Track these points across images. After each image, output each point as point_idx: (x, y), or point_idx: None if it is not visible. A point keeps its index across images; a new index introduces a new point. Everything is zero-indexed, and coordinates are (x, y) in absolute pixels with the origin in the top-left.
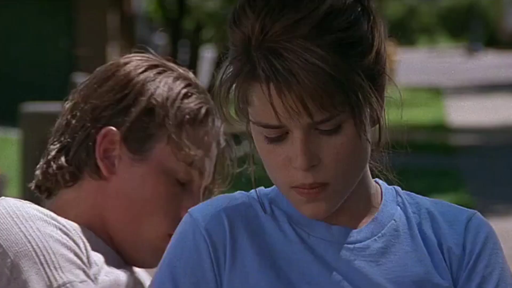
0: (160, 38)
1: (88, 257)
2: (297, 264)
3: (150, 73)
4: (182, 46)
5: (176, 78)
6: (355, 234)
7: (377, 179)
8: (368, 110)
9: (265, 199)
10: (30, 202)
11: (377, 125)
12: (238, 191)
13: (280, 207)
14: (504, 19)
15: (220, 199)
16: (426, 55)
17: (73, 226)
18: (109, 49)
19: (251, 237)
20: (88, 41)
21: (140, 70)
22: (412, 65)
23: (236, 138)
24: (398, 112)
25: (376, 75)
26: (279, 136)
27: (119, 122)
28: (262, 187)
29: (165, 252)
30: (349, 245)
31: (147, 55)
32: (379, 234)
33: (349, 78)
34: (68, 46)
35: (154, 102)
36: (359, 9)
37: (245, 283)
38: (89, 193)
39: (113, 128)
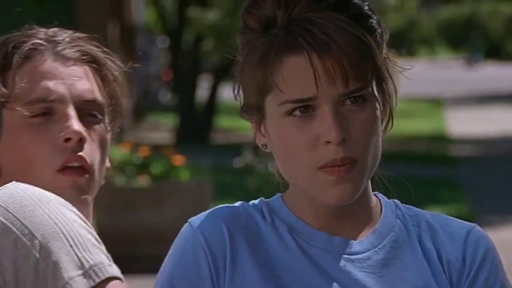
0: (162, 43)
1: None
2: (297, 274)
3: None
4: (182, 58)
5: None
6: (356, 246)
7: (376, 193)
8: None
9: (266, 209)
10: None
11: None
12: (239, 202)
13: (280, 217)
14: None
15: (221, 209)
16: (426, 66)
17: None
18: None
19: (251, 248)
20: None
21: None
22: (412, 76)
23: (237, 149)
24: (397, 122)
25: (387, 69)
26: (307, 113)
27: None
28: (262, 198)
29: (165, 260)
30: (350, 256)
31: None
32: (380, 246)
33: (376, 50)
34: None
35: None
36: (366, 3)
37: None
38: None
39: None
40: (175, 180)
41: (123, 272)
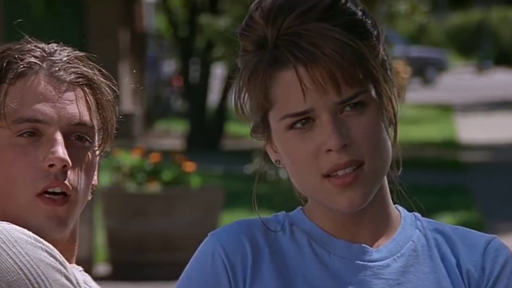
0: (173, 49)
1: (74, 277)
2: (314, 285)
3: None
4: (193, 64)
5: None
6: (374, 253)
7: (397, 205)
8: (384, 99)
9: (286, 220)
10: (8, 223)
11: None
12: (260, 216)
13: (300, 227)
14: None
15: (242, 222)
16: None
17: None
18: (120, 67)
19: (272, 259)
20: (98, 59)
21: None
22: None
23: (248, 155)
24: (407, 129)
25: (385, 71)
26: (307, 124)
27: None
28: (283, 211)
29: (184, 272)
30: (368, 263)
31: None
32: (398, 254)
33: (368, 54)
34: None
35: None
36: (360, 8)
37: None
38: None
39: None
40: (185, 186)
41: (133, 279)
